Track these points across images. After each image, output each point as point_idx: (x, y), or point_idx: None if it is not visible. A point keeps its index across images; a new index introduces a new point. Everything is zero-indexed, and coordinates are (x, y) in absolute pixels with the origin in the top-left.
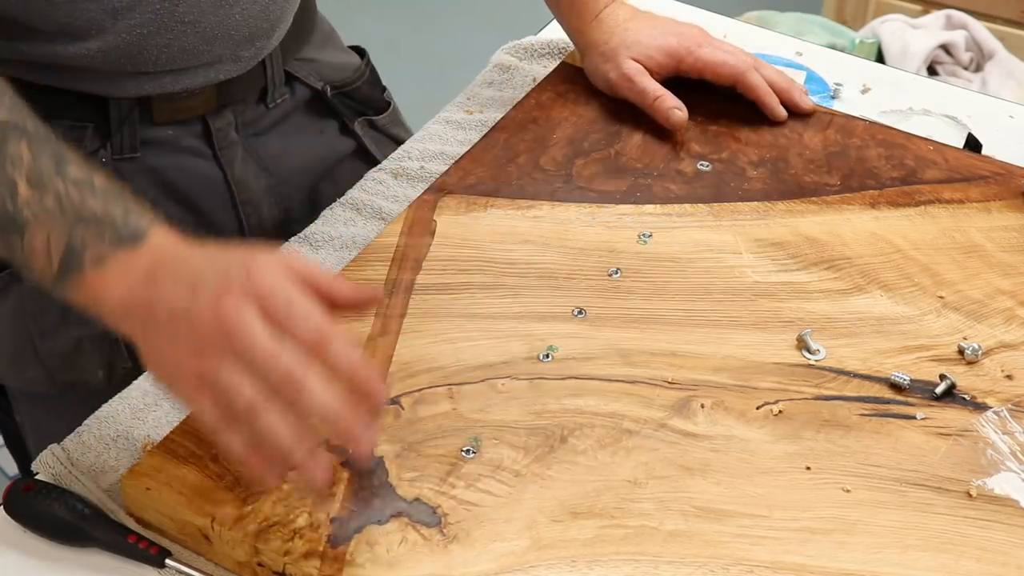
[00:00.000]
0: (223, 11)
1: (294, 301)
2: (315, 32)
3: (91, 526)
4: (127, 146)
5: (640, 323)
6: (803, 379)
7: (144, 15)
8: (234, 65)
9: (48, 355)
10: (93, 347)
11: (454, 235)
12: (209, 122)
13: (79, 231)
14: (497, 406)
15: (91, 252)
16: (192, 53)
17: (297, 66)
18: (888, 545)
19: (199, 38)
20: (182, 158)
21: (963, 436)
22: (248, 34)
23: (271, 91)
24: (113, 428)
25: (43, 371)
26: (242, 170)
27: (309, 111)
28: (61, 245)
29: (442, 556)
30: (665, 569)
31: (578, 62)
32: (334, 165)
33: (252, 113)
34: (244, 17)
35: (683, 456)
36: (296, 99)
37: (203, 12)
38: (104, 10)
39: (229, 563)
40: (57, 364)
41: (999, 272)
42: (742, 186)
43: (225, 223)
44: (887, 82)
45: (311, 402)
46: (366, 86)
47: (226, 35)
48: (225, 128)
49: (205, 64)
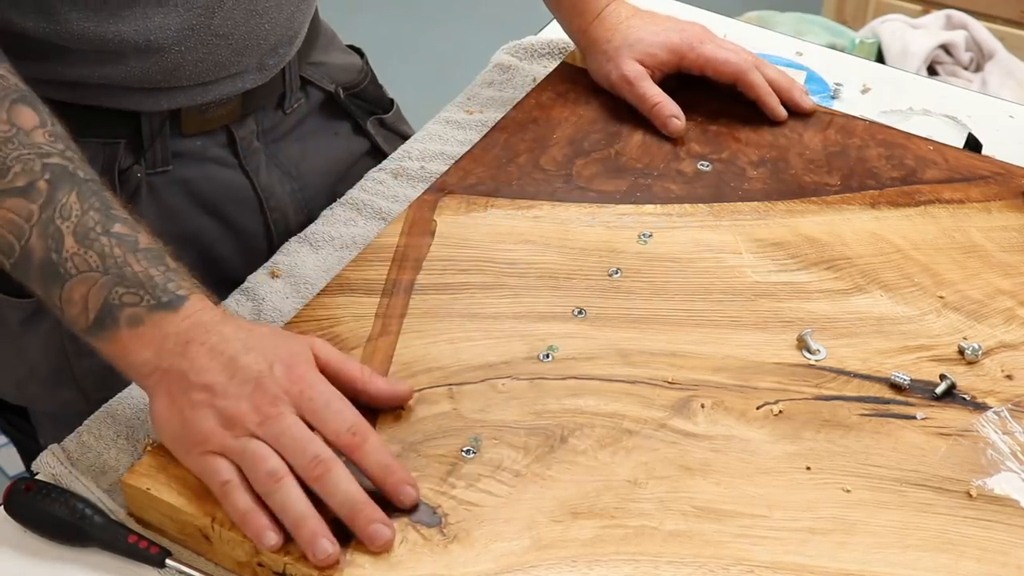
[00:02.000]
0: (253, 22)
1: (331, 401)
2: (320, 36)
3: (91, 526)
4: (160, 160)
5: (640, 323)
6: (803, 379)
7: (181, 32)
8: (259, 74)
9: (84, 375)
10: None
11: (454, 235)
12: (234, 131)
13: (119, 291)
14: (497, 406)
15: (128, 313)
16: (223, 65)
17: (310, 70)
18: (888, 545)
19: (231, 50)
20: (210, 168)
21: (963, 436)
22: (274, 43)
23: (288, 97)
24: (113, 428)
25: (77, 391)
26: (267, 177)
27: (323, 114)
28: (99, 302)
29: (442, 556)
30: (665, 569)
31: (578, 62)
32: (351, 165)
33: (271, 120)
34: (272, 27)
35: (683, 456)
36: (311, 103)
37: (236, 24)
38: (139, 31)
39: (229, 563)
40: (92, 383)
41: (999, 272)
42: (742, 186)
43: (253, 230)
44: (887, 82)
45: (335, 486)
46: (371, 86)
47: (255, 45)
48: (248, 136)
49: (234, 75)
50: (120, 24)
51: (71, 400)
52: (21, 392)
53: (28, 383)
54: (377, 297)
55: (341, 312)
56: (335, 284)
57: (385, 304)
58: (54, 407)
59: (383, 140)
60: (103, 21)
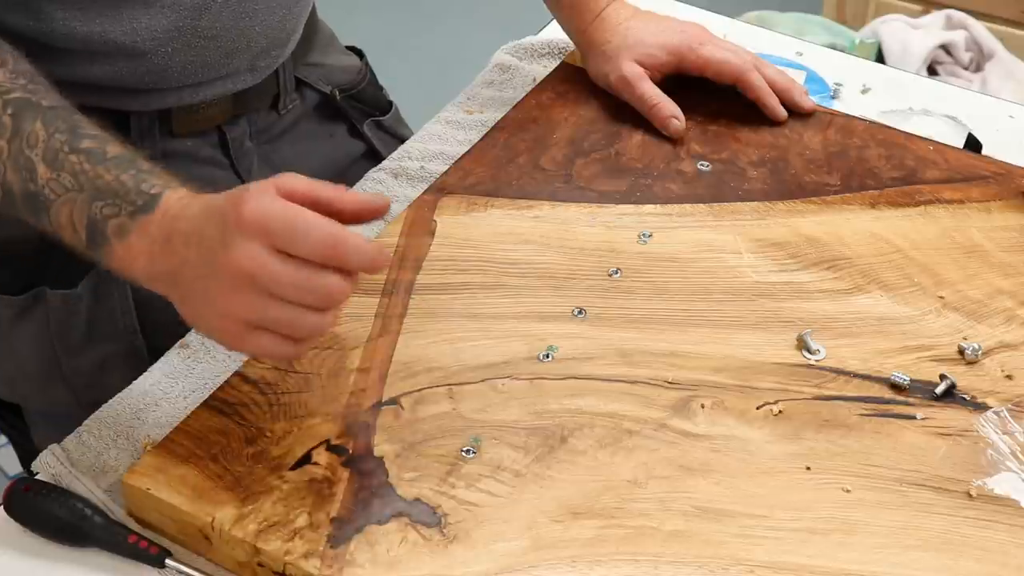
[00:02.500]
0: (243, 24)
1: (291, 221)
2: (318, 36)
3: (91, 526)
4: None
5: (640, 323)
6: (803, 379)
7: (168, 33)
8: (251, 75)
9: (73, 374)
10: (117, 365)
11: (454, 235)
12: (225, 132)
13: (98, 205)
14: (497, 406)
15: (112, 224)
16: (213, 67)
17: (306, 71)
18: (888, 545)
19: (220, 52)
20: (201, 169)
21: (963, 436)
22: (265, 45)
23: (283, 98)
24: (113, 428)
25: (67, 390)
26: (259, 178)
27: (319, 116)
28: (83, 220)
29: (442, 556)
30: (665, 569)
31: (578, 62)
32: (346, 168)
33: (265, 121)
34: (263, 29)
35: (683, 456)
36: (306, 105)
37: (225, 27)
38: (126, 31)
39: (229, 563)
40: (82, 383)
41: (999, 272)
42: (742, 186)
43: None
44: (887, 82)
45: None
46: (370, 87)
47: (246, 47)
48: (240, 137)
49: (224, 76)
50: (106, 24)
51: (61, 399)
52: (12, 390)
53: (19, 381)
54: (377, 297)
55: (341, 312)
56: None
57: (385, 304)
58: (45, 405)
59: (380, 142)
60: (89, 21)
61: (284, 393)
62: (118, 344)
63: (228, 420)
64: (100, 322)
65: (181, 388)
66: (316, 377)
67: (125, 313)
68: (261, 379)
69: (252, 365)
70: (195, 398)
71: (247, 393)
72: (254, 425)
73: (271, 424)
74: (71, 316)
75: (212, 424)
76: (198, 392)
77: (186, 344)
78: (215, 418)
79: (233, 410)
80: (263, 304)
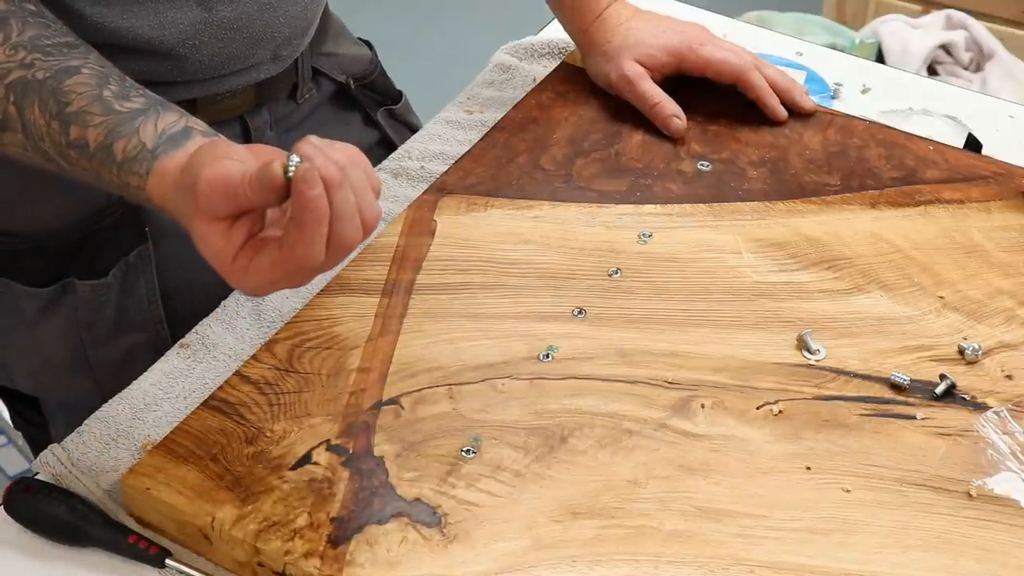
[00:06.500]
0: (268, 14)
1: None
2: (331, 26)
3: (91, 526)
4: None
5: (640, 323)
6: (803, 379)
7: (194, 26)
8: (273, 65)
9: (100, 364)
10: (141, 355)
11: (454, 235)
12: (247, 121)
13: (116, 172)
14: (497, 406)
15: (135, 184)
16: (238, 58)
17: (322, 61)
18: (888, 545)
19: (246, 43)
20: None
21: (963, 436)
22: (288, 35)
23: (301, 87)
24: (113, 428)
25: (92, 381)
26: None
27: (334, 105)
28: (115, 185)
29: (442, 556)
30: (665, 569)
31: (578, 62)
32: None
33: (284, 110)
34: (287, 19)
35: (683, 456)
36: (322, 94)
37: (250, 18)
38: (152, 25)
39: (229, 563)
40: (107, 373)
41: (999, 272)
42: (742, 186)
43: None
44: (887, 82)
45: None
46: (381, 77)
47: (270, 37)
48: (262, 126)
49: (248, 67)
50: (133, 19)
51: (86, 390)
52: (35, 382)
53: (43, 372)
54: (377, 297)
55: (341, 312)
56: (335, 284)
57: (385, 304)
58: (68, 397)
59: (393, 131)
60: (116, 16)
61: (284, 393)
62: (144, 334)
63: (228, 420)
64: (128, 311)
65: (181, 388)
66: (316, 377)
67: (152, 303)
68: (261, 379)
69: (252, 365)
70: (195, 398)
71: (247, 393)
72: (254, 425)
73: (271, 424)
74: (100, 306)
75: (212, 424)
76: (198, 392)
77: (186, 344)
78: (215, 418)
79: (233, 410)
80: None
